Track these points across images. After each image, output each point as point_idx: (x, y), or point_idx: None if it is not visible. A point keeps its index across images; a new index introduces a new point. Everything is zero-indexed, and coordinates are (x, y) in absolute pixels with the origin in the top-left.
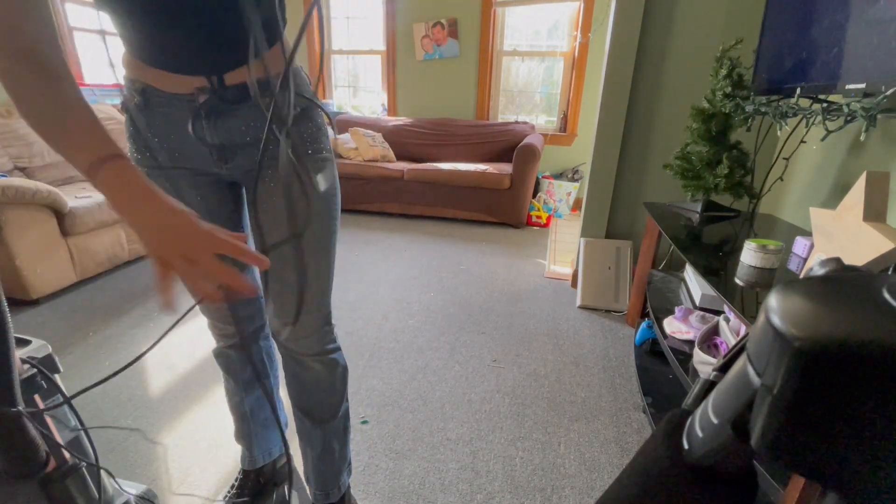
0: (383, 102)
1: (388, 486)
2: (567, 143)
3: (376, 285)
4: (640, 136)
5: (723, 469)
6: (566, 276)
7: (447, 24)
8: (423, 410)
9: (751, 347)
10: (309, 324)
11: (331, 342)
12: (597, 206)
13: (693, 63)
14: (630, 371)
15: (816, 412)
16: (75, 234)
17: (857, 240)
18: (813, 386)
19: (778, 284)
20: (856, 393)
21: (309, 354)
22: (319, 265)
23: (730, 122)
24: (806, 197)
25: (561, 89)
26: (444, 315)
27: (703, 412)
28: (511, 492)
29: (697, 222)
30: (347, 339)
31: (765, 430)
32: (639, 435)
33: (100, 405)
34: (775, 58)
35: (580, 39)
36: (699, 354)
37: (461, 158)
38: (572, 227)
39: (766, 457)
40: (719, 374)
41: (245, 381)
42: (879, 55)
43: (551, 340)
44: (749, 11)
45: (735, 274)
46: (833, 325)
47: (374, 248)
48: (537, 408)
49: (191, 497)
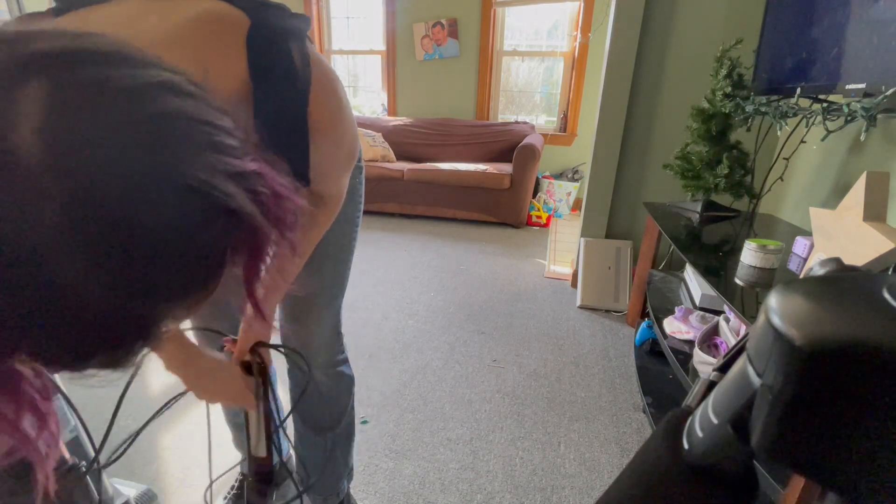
0: (383, 102)
1: (388, 486)
2: (567, 143)
3: (376, 285)
4: (640, 136)
5: (723, 469)
6: (566, 276)
7: (447, 24)
8: (423, 410)
9: (751, 347)
10: (319, 330)
11: (340, 352)
12: (597, 206)
13: (693, 63)
14: (630, 371)
15: (816, 412)
16: None
17: (857, 240)
18: (813, 386)
19: (778, 284)
20: (856, 393)
21: (316, 365)
22: (335, 270)
23: (730, 122)
24: (806, 197)
25: (561, 89)
26: (444, 315)
27: (703, 412)
28: (511, 492)
29: (697, 222)
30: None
31: (765, 430)
32: (639, 435)
33: (100, 405)
34: (775, 58)
35: (580, 39)
36: (699, 354)
37: (461, 158)
38: (572, 227)
39: (766, 457)
40: (719, 374)
41: None
42: (879, 55)
43: (551, 340)
44: (749, 11)
45: (735, 274)
46: (833, 325)
47: (374, 248)
48: (537, 408)
49: (191, 497)
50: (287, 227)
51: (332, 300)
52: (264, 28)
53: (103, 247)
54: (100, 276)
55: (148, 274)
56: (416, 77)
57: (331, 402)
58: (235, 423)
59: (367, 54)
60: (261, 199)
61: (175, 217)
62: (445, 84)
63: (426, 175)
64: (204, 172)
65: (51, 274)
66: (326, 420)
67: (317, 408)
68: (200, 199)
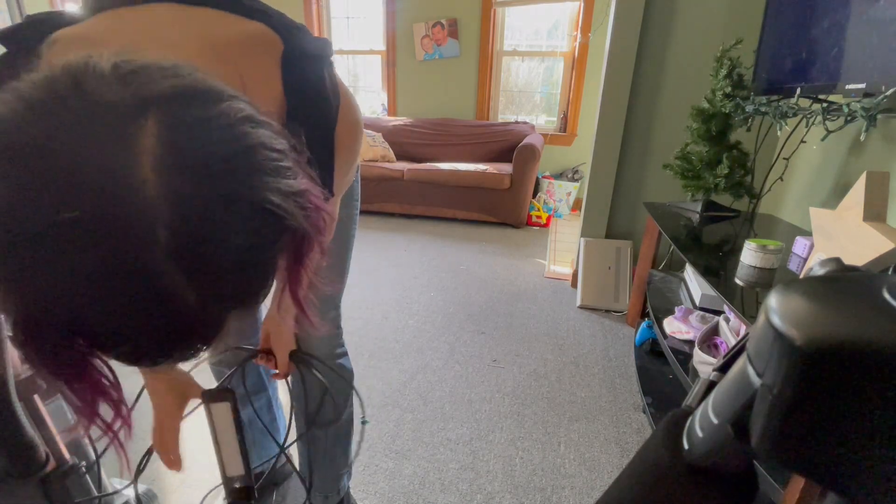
0: (383, 102)
1: (388, 486)
2: (567, 143)
3: (376, 285)
4: (640, 136)
5: (723, 469)
6: (566, 276)
7: (447, 24)
8: (423, 410)
9: (751, 347)
10: (320, 325)
11: (339, 346)
12: (597, 206)
13: (693, 63)
14: (630, 371)
15: (816, 412)
16: None
17: (857, 240)
18: (813, 386)
19: (778, 284)
20: (856, 393)
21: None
22: (335, 267)
23: (730, 122)
24: (806, 197)
25: (561, 89)
26: (444, 315)
27: (703, 412)
28: (511, 492)
29: (697, 222)
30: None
31: (765, 430)
32: (639, 435)
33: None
34: (775, 58)
35: (580, 39)
36: (699, 354)
37: (461, 158)
38: (572, 227)
39: (766, 457)
40: (719, 374)
41: (241, 395)
42: (879, 55)
43: (551, 340)
44: (749, 11)
45: (735, 274)
46: (833, 325)
47: (374, 248)
48: (537, 408)
49: (191, 497)
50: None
51: (333, 297)
52: (297, 51)
53: (202, 262)
54: (196, 287)
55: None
56: (416, 77)
57: (332, 395)
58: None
59: (367, 54)
60: (308, 214)
61: (254, 235)
62: (445, 84)
63: (426, 175)
64: (275, 195)
65: (159, 285)
66: (328, 415)
67: (317, 402)
68: (273, 219)
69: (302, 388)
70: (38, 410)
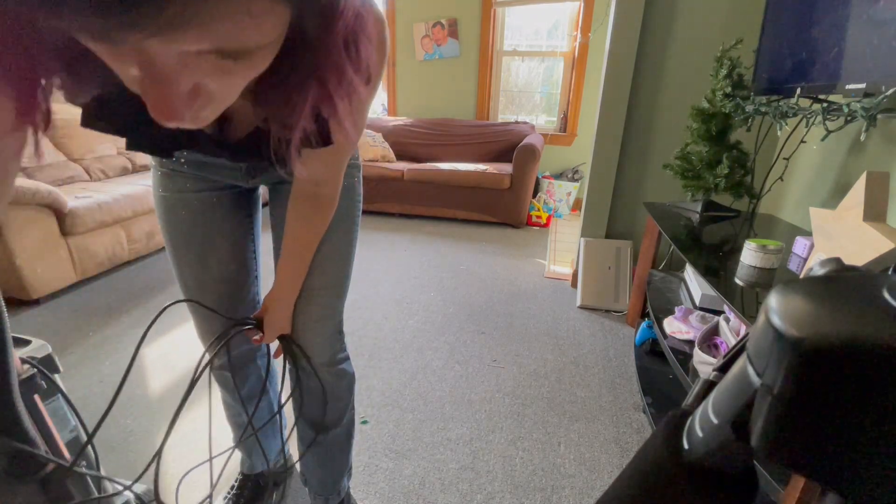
0: (383, 102)
1: (388, 486)
2: (567, 143)
3: (376, 285)
4: (640, 136)
5: (723, 469)
6: (566, 276)
7: (447, 24)
8: (423, 410)
9: (751, 347)
10: (322, 329)
11: (341, 350)
12: (597, 206)
13: (693, 63)
14: (630, 371)
15: (817, 412)
16: (75, 233)
17: (857, 240)
18: (813, 386)
19: (778, 284)
20: (856, 393)
21: (318, 362)
22: (336, 269)
23: (730, 122)
24: (806, 197)
25: (561, 89)
26: (444, 315)
27: (703, 412)
28: (511, 492)
29: (697, 222)
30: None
31: (765, 430)
32: (639, 435)
33: (100, 405)
34: (775, 58)
35: (580, 39)
36: (699, 354)
37: (461, 158)
38: (572, 227)
39: (766, 457)
40: (719, 374)
41: (244, 397)
42: (879, 55)
43: (551, 340)
44: (749, 11)
45: (735, 274)
46: (833, 325)
47: (374, 248)
48: (537, 408)
49: (191, 497)
50: (355, 67)
51: (335, 300)
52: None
53: None
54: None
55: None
56: (416, 77)
57: (333, 399)
58: (237, 423)
59: None
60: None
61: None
62: (445, 84)
63: (426, 175)
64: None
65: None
66: (329, 418)
67: (319, 406)
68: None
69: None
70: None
